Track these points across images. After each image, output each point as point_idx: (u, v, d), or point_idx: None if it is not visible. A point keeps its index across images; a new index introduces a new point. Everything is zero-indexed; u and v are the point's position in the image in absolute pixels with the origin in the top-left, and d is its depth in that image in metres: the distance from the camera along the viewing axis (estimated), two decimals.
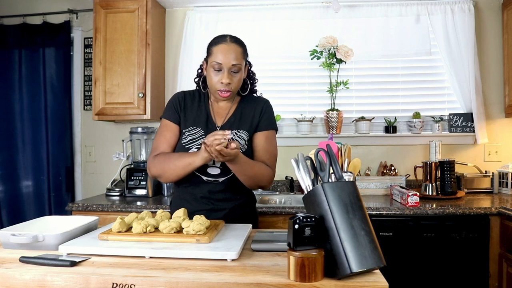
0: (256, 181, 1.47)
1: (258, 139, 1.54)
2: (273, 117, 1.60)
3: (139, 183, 2.65)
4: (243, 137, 1.51)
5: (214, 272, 0.96)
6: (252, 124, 1.55)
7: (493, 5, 2.81)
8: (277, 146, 1.60)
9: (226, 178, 1.50)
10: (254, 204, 1.67)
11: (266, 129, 1.56)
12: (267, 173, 1.50)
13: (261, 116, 1.56)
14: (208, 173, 1.49)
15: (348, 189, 0.97)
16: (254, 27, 2.91)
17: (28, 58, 3.06)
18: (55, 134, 3.04)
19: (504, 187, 2.58)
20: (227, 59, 1.44)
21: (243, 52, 1.51)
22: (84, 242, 1.15)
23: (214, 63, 1.45)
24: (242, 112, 1.56)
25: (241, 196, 1.56)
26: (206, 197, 1.51)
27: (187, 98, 1.59)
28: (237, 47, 1.48)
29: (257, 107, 1.57)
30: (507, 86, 2.71)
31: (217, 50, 1.47)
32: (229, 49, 1.46)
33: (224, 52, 1.45)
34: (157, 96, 2.84)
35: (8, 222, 3.02)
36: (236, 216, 1.51)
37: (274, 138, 1.59)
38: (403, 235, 2.14)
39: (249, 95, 1.63)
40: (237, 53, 1.47)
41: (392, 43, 2.82)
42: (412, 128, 2.79)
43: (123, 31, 2.69)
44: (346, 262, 0.88)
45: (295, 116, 2.88)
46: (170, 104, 1.59)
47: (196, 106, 1.58)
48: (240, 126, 1.53)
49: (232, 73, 1.47)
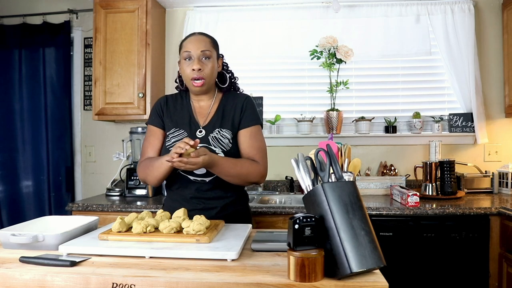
0: (243, 179, 1.47)
1: (242, 136, 1.54)
2: (256, 112, 1.59)
3: (139, 183, 2.65)
4: (226, 136, 1.51)
5: (214, 272, 0.96)
6: (234, 122, 1.54)
7: (493, 5, 2.81)
8: (264, 140, 1.59)
9: (213, 178, 1.50)
10: (246, 202, 1.66)
11: (250, 125, 1.54)
12: (253, 169, 1.48)
13: (242, 113, 1.55)
14: (194, 173, 1.49)
15: (348, 189, 0.97)
16: (254, 27, 2.92)
17: (28, 58, 3.06)
18: (55, 134, 3.04)
19: (504, 187, 2.58)
20: (195, 47, 1.49)
21: (211, 42, 1.55)
22: (84, 242, 1.15)
23: (184, 53, 1.50)
24: (224, 110, 1.56)
25: (231, 194, 1.55)
26: (195, 196, 1.52)
27: (169, 102, 1.62)
28: (204, 37, 1.54)
29: (238, 104, 1.57)
30: (507, 86, 2.71)
31: (186, 42, 1.53)
32: (196, 39, 1.51)
33: (192, 42, 1.51)
34: (157, 96, 2.83)
35: (8, 222, 3.02)
36: (228, 214, 1.51)
37: (260, 133, 1.58)
38: (403, 235, 2.14)
39: (231, 92, 1.63)
40: (205, 42, 1.52)
41: (392, 43, 2.82)
42: (412, 128, 2.79)
43: (123, 31, 2.69)
44: (346, 262, 0.88)
45: (295, 116, 2.88)
46: (153, 110, 1.62)
47: (179, 108, 1.59)
48: (223, 125, 1.53)
49: (202, 60, 1.49)
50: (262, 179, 1.53)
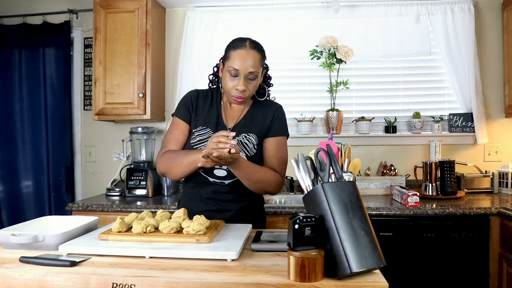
0: (262, 187, 1.45)
1: (268, 145, 1.53)
2: (285, 123, 1.58)
3: (139, 183, 2.65)
4: (252, 140, 1.49)
5: (214, 272, 0.96)
6: (263, 128, 1.53)
7: (493, 5, 2.81)
8: (287, 152, 1.57)
9: (232, 181, 1.48)
10: (262, 206, 1.66)
11: (277, 135, 1.54)
12: (273, 179, 1.47)
13: (272, 122, 1.54)
14: (215, 174, 1.48)
15: (348, 189, 0.97)
16: (254, 27, 2.91)
17: (28, 58, 3.06)
18: (55, 134, 3.04)
19: (504, 187, 2.58)
20: (245, 66, 1.41)
21: (261, 59, 1.46)
22: (84, 242, 1.14)
23: (230, 68, 1.42)
24: (253, 116, 1.55)
25: (247, 198, 1.53)
26: (212, 197, 1.50)
27: (200, 98, 1.57)
28: (255, 53, 1.44)
29: (269, 112, 1.55)
30: (507, 86, 2.71)
31: (235, 55, 1.42)
32: (247, 56, 1.41)
33: (242, 59, 1.41)
34: (157, 96, 2.84)
35: (8, 222, 3.02)
36: (243, 218, 1.50)
37: (285, 144, 1.57)
38: (403, 235, 2.14)
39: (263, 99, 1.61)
40: (255, 60, 1.43)
41: (392, 43, 2.82)
42: (412, 128, 2.79)
43: (123, 31, 2.69)
44: (346, 262, 0.88)
45: (295, 116, 2.88)
46: (182, 102, 1.57)
47: (208, 106, 1.56)
48: (250, 130, 1.51)
49: (248, 80, 1.44)
50: (278, 190, 1.52)
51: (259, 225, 1.57)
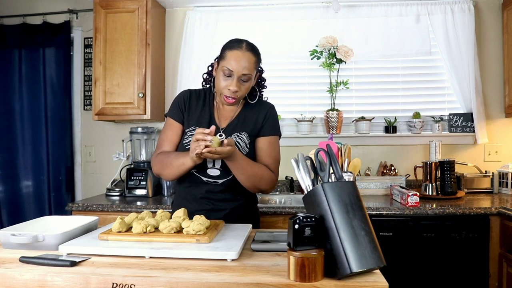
0: (256, 183, 1.46)
1: (261, 144, 1.54)
2: (277, 122, 1.60)
3: (139, 183, 2.65)
4: (244, 139, 1.51)
5: (214, 272, 0.96)
6: (255, 128, 1.54)
7: (493, 5, 2.81)
8: (280, 151, 1.59)
9: (225, 180, 1.49)
10: (255, 205, 1.67)
11: (270, 134, 1.55)
12: (267, 175, 1.48)
13: (264, 121, 1.55)
14: (208, 174, 1.49)
15: (348, 189, 0.97)
16: (254, 27, 2.91)
17: (28, 58, 3.06)
18: (55, 134, 3.04)
19: (504, 187, 2.58)
20: (239, 67, 1.41)
21: (256, 62, 1.47)
22: (84, 242, 1.14)
23: (225, 68, 1.43)
24: (246, 115, 1.56)
25: (241, 197, 1.55)
26: (205, 197, 1.51)
27: (192, 97, 1.58)
28: (251, 56, 1.44)
29: (261, 111, 1.56)
30: (507, 86, 2.71)
31: (230, 55, 1.43)
32: (242, 57, 1.42)
33: (237, 60, 1.42)
34: (157, 96, 2.84)
35: (8, 222, 3.02)
36: (236, 217, 1.51)
37: (278, 144, 1.59)
38: (403, 235, 2.14)
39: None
40: (250, 63, 1.43)
41: (392, 43, 2.82)
42: (412, 128, 2.79)
43: (123, 31, 2.69)
44: (346, 262, 0.88)
45: (295, 116, 2.88)
46: (175, 102, 1.58)
47: (201, 106, 1.57)
48: (242, 129, 1.52)
49: (241, 82, 1.44)
50: (272, 188, 1.53)
51: (253, 224, 1.56)
